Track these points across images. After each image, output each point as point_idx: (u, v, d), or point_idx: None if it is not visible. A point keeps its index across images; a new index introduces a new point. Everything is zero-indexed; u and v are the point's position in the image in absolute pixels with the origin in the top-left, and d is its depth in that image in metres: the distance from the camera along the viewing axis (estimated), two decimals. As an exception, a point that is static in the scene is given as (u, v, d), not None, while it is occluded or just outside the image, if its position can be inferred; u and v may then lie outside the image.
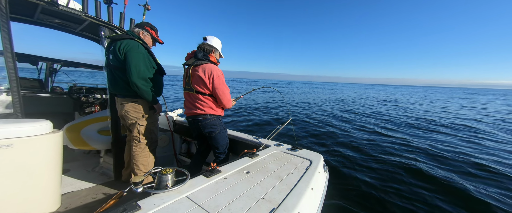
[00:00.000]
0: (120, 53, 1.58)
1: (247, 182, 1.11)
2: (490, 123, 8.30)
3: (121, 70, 1.63)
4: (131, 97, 1.70)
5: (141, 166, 1.77)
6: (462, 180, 3.10)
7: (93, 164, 2.48)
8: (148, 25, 1.83)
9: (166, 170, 1.01)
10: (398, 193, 2.74)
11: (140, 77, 1.59)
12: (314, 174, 1.28)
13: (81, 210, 1.56)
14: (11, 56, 1.49)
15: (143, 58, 1.63)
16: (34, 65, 3.33)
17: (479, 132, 6.47)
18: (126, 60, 1.57)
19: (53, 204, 1.50)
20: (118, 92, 1.71)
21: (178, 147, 2.93)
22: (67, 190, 1.85)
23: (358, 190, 2.81)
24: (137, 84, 1.58)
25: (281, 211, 0.88)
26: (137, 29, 1.78)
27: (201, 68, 1.66)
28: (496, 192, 2.82)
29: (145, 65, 1.64)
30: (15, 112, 1.53)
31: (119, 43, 1.60)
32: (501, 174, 3.33)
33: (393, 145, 4.77)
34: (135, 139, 1.76)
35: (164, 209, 0.84)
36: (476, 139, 5.61)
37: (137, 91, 1.61)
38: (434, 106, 14.05)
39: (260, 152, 1.63)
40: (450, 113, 10.66)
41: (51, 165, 1.45)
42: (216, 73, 1.66)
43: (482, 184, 3.05)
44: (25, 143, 1.28)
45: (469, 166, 3.65)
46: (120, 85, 1.66)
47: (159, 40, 1.93)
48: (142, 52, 1.64)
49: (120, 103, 1.74)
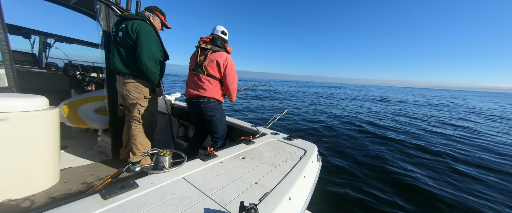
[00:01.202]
0: (133, 33, 1.59)
1: (242, 167, 1.15)
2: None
3: (130, 49, 1.64)
4: (134, 77, 1.71)
5: (139, 145, 1.80)
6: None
7: (90, 142, 2.51)
8: (158, 10, 1.85)
9: (164, 152, 1.03)
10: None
11: (151, 58, 1.63)
12: (307, 163, 1.33)
13: (80, 185, 1.61)
14: (2, 27, 1.42)
15: (154, 41, 1.67)
16: (27, 38, 3.20)
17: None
18: (138, 40, 1.59)
19: (52, 178, 1.54)
20: (122, 70, 1.70)
21: (175, 130, 2.96)
22: (65, 165, 1.89)
23: (348, 179, 2.95)
24: (147, 64, 1.61)
25: (273, 196, 0.92)
26: (147, 13, 1.80)
27: (219, 54, 1.77)
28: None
29: (156, 47, 1.68)
30: (10, 86, 1.50)
31: (131, 22, 1.61)
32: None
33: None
34: (135, 119, 1.78)
35: (161, 188, 0.87)
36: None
37: (145, 71, 1.64)
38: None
39: (256, 139, 1.67)
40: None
41: (49, 140, 1.46)
42: (230, 62, 1.81)
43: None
44: (22, 118, 1.27)
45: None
46: (127, 63, 1.67)
47: (167, 25, 1.95)
48: (154, 35, 1.67)
49: (122, 82, 1.74)
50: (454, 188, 2.88)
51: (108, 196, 0.76)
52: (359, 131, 5.71)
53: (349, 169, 3.26)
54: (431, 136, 5.67)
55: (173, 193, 0.84)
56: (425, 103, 16.88)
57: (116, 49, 1.67)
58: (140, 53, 1.59)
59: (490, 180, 3.15)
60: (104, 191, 0.78)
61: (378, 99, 18.89)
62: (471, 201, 2.56)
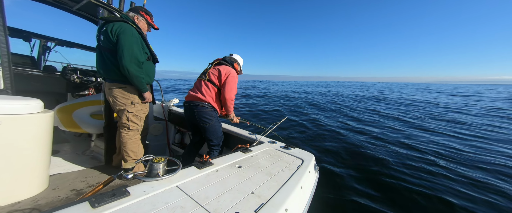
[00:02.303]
0: (112, 35, 1.51)
1: (238, 176, 1.12)
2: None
3: (111, 52, 1.57)
4: (120, 82, 1.63)
5: (130, 153, 1.75)
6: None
7: (83, 148, 2.45)
8: (142, 10, 1.77)
9: (158, 158, 1.01)
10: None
11: (133, 61, 1.53)
12: (304, 173, 1.30)
13: (69, 192, 1.55)
14: (3, 30, 1.43)
15: (136, 42, 1.57)
16: (27, 41, 3.21)
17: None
18: (119, 43, 1.50)
19: (40, 185, 1.48)
20: (107, 75, 1.64)
21: (171, 136, 2.92)
22: (55, 171, 1.83)
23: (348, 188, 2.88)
24: (129, 68, 1.51)
25: (269, 207, 0.89)
26: (131, 14, 1.71)
27: (224, 67, 1.90)
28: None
29: (138, 49, 1.58)
30: (5, 88, 1.48)
31: (111, 24, 1.54)
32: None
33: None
34: (124, 126, 1.72)
35: (153, 197, 0.84)
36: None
37: (128, 75, 1.55)
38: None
39: (253, 147, 1.64)
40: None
41: (40, 145, 1.42)
42: (233, 74, 1.89)
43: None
44: (14, 120, 1.24)
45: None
46: (109, 68, 1.60)
47: (154, 26, 1.86)
48: (136, 36, 1.58)
49: (108, 88, 1.67)
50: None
51: (98, 204, 0.73)
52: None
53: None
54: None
55: (165, 202, 0.82)
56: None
57: (100, 53, 1.61)
58: (120, 56, 1.49)
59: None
60: (94, 199, 0.75)
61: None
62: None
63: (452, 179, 2.84)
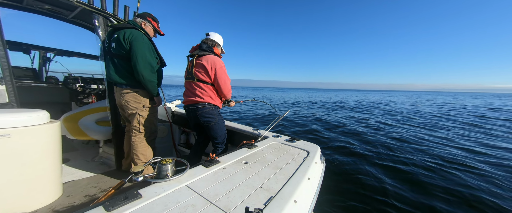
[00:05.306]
0: (125, 42, 1.57)
1: (245, 172, 1.14)
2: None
3: (124, 59, 1.63)
4: (132, 87, 1.70)
5: (140, 156, 1.79)
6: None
7: (92, 154, 2.50)
8: (150, 16, 1.83)
9: (166, 160, 1.02)
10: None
11: (147, 67, 1.61)
12: (311, 164, 1.31)
13: (83, 198, 1.60)
14: (2, 44, 1.44)
15: (148, 49, 1.65)
16: (27, 53, 3.24)
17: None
18: (132, 50, 1.57)
19: (55, 193, 1.52)
20: (118, 81, 1.69)
21: (177, 138, 2.95)
22: (68, 179, 1.88)
23: (355, 179, 2.89)
24: (144, 74, 1.59)
25: (278, 199, 0.91)
26: (139, 20, 1.78)
27: (205, 58, 1.74)
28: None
29: (151, 55, 1.66)
30: (10, 101, 1.51)
31: (123, 32, 1.60)
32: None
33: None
34: (134, 130, 1.77)
35: (164, 198, 0.86)
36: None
37: (142, 80, 1.62)
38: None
39: (258, 143, 1.66)
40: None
41: (51, 154, 1.45)
42: (219, 64, 1.74)
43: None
44: (23, 133, 1.27)
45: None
46: (123, 74, 1.66)
47: (160, 32, 1.93)
48: (147, 42, 1.65)
49: (120, 93, 1.73)
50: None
51: (112, 208, 0.75)
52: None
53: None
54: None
55: (177, 202, 0.83)
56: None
57: (111, 60, 1.67)
58: (135, 63, 1.57)
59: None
60: (107, 203, 0.77)
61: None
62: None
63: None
